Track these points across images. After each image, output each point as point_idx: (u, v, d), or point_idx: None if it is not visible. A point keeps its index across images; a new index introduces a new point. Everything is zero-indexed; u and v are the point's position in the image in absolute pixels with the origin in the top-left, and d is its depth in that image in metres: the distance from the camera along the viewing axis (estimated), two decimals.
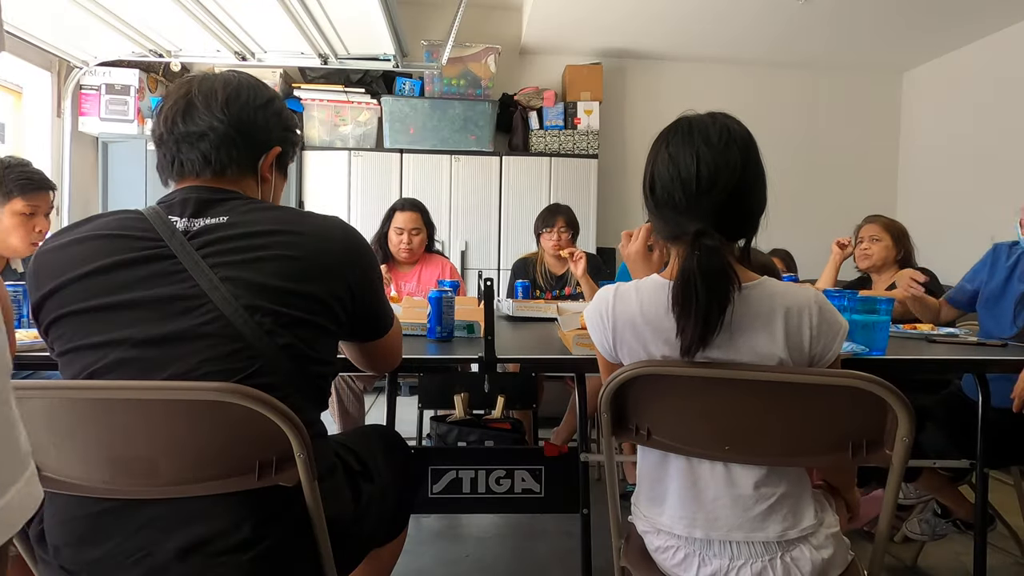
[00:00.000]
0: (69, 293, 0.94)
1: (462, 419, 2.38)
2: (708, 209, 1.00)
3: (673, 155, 1.02)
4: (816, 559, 1.01)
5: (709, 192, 1.00)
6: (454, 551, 2.24)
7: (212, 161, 1.02)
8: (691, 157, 1.01)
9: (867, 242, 2.61)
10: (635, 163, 4.95)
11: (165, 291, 0.92)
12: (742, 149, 1.02)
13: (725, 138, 1.02)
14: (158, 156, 1.06)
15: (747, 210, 1.04)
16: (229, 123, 1.02)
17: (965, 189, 4.46)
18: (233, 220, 0.98)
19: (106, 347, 0.91)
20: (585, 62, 4.67)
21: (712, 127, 1.03)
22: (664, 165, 1.03)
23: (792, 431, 1.00)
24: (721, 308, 0.95)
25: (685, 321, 0.96)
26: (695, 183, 1.00)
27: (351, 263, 1.03)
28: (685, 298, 0.96)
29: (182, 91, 1.04)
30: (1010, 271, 2.06)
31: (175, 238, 0.95)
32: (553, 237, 3.02)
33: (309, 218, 1.04)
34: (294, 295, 0.95)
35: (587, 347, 1.47)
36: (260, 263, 0.95)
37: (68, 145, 3.68)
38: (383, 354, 1.25)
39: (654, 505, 1.10)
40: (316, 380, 1.03)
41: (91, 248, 0.95)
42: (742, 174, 1.01)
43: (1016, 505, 2.05)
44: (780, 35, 4.39)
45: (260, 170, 1.08)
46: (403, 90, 4.33)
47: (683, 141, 1.03)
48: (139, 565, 0.88)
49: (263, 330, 0.92)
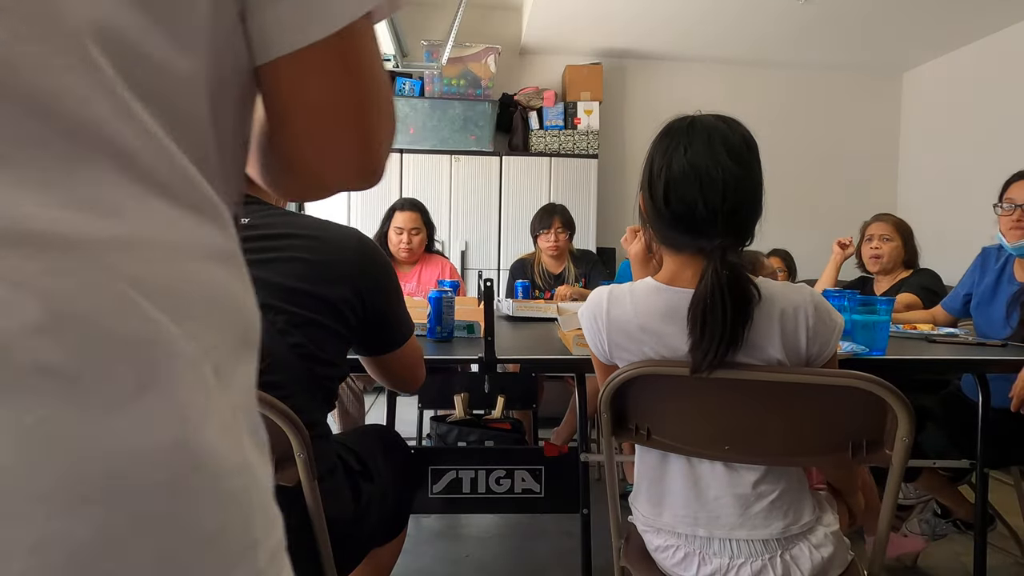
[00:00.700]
0: None
1: (462, 419, 2.38)
2: (729, 224, 0.97)
3: (694, 164, 0.97)
4: (816, 558, 1.01)
5: (734, 214, 0.97)
6: (454, 551, 2.24)
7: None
8: (716, 170, 0.96)
9: (877, 241, 2.53)
10: (635, 163, 4.93)
11: None
12: (758, 161, 1.01)
13: (746, 151, 1.00)
14: None
15: (753, 219, 1.03)
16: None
17: (965, 189, 4.46)
18: (254, 223, 1.00)
19: None
20: (585, 62, 4.67)
21: (731, 136, 1.00)
22: (682, 172, 0.98)
23: (792, 431, 1.00)
24: (743, 325, 0.94)
25: (706, 339, 0.94)
26: (721, 199, 0.96)
27: (364, 269, 1.05)
28: (710, 317, 0.93)
29: None
30: (999, 273, 2.07)
31: None
32: (551, 238, 3.02)
33: (326, 225, 1.06)
34: (306, 296, 0.97)
35: (587, 347, 1.47)
36: (276, 263, 0.97)
37: None
38: (398, 367, 1.23)
39: (654, 504, 1.10)
40: (323, 381, 1.04)
41: None
42: (751, 184, 0.99)
43: (1016, 505, 2.05)
44: (780, 35, 4.39)
45: None
46: (403, 90, 4.33)
47: (705, 151, 0.98)
48: None
49: (275, 328, 0.94)
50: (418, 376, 1.29)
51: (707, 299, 0.94)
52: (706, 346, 0.94)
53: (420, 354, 1.30)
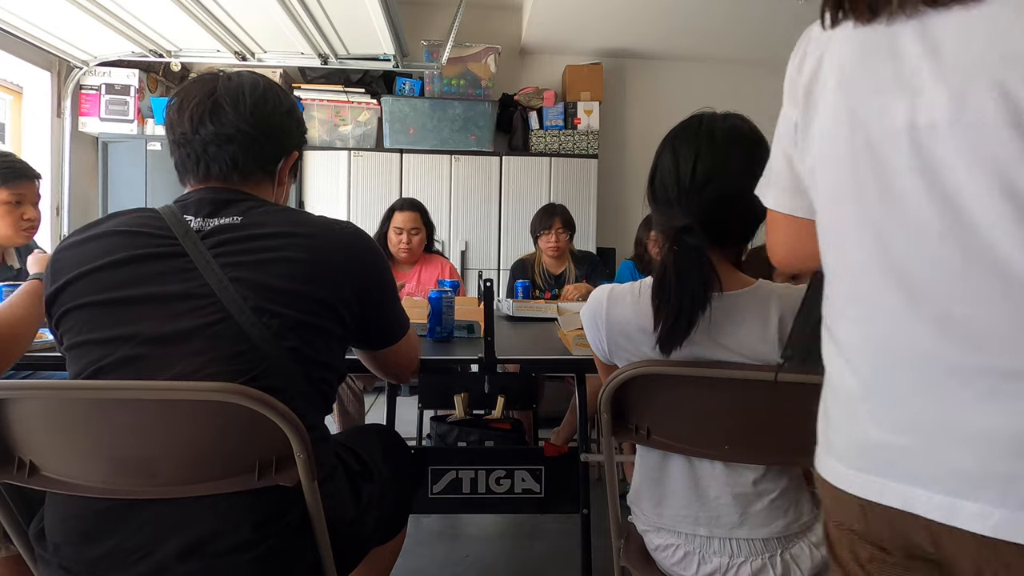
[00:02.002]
0: (82, 285, 0.94)
1: (462, 419, 2.38)
2: (697, 207, 0.98)
3: (676, 150, 1.02)
4: (816, 556, 1.01)
5: (701, 190, 0.98)
6: (454, 551, 2.24)
7: (240, 165, 1.02)
8: (691, 153, 1.00)
9: None
10: (635, 163, 4.95)
11: (175, 288, 0.93)
12: (746, 149, 1.00)
13: (729, 137, 1.01)
14: (179, 155, 1.04)
15: (745, 214, 1.01)
16: (257, 128, 1.02)
17: None
18: (247, 221, 0.98)
19: (114, 343, 0.91)
20: (585, 62, 4.67)
21: (720, 125, 1.02)
22: (667, 160, 1.03)
23: (792, 431, 1.00)
24: (694, 308, 0.94)
25: (660, 317, 0.96)
26: (689, 179, 0.99)
27: (360, 268, 1.03)
28: (660, 294, 0.96)
29: (206, 89, 1.02)
30: None
31: (188, 236, 0.95)
32: (551, 239, 3.02)
33: (322, 222, 1.03)
34: (302, 298, 0.95)
35: (587, 347, 1.47)
36: (270, 264, 0.95)
37: (68, 145, 3.68)
38: (394, 362, 1.24)
39: (655, 504, 1.10)
40: (320, 384, 1.02)
41: (107, 244, 0.96)
42: (741, 175, 0.97)
43: None
44: (781, 35, 4.39)
45: (279, 174, 1.10)
46: (403, 90, 4.33)
47: (689, 137, 1.02)
48: (139, 564, 0.88)
49: (270, 332, 0.92)
50: (414, 369, 1.31)
51: (657, 275, 0.97)
52: (664, 325, 0.96)
53: (417, 347, 1.31)
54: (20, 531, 1.01)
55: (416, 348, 1.29)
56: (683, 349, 0.98)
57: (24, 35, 3.10)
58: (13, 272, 2.06)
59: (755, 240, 1.08)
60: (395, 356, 1.22)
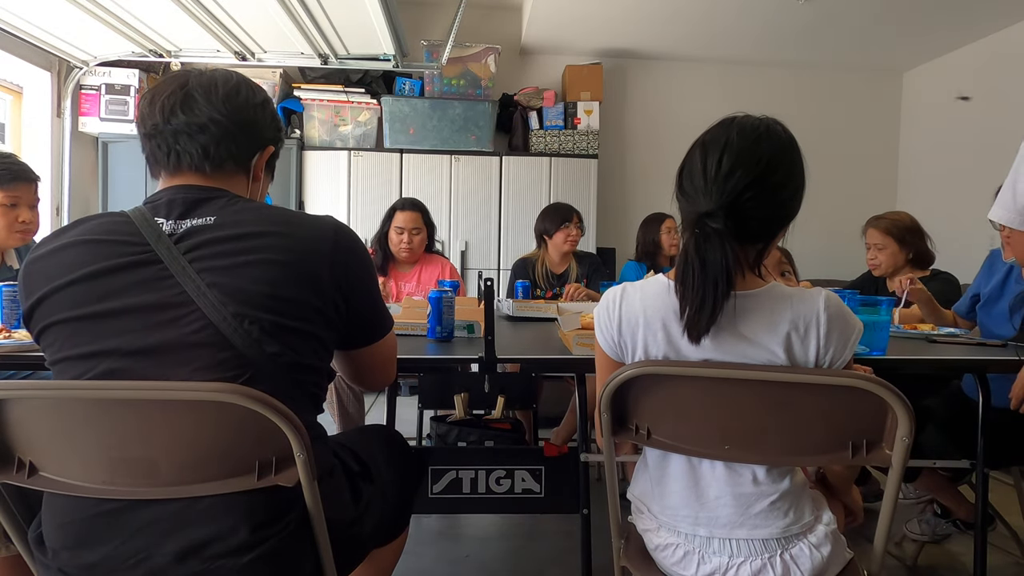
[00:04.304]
0: (56, 301, 0.92)
1: (462, 419, 2.38)
2: (721, 195, 0.98)
3: (706, 144, 1.03)
4: (816, 557, 1.01)
5: (727, 179, 0.98)
6: (454, 551, 2.24)
7: (211, 155, 1.00)
8: (720, 145, 1.00)
9: (872, 251, 2.57)
10: (635, 163, 4.95)
11: (152, 298, 0.90)
12: (774, 148, 1.01)
13: (759, 133, 1.01)
14: (149, 147, 1.02)
15: (766, 214, 1.01)
16: (229, 118, 1.01)
17: (965, 190, 4.45)
18: (221, 220, 0.96)
19: (96, 357, 0.90)
20: (585, 62, 4.67)
21: (751, 122, 1.03)
22: (696, 154, 1.03)
23: (792, 431, 1.00)
24: (717, 292, 0.95)
25: (685, 303, 0.98)
26: (715, 168, 0.99)
27: (342, 266, 1.00)
28: (684, 279, 0.98)
29: (178, 82, 1.01)
30: (1007, 273, 2.07)
31: (161, 242, 0.93)
32: (571, 232, 3.05)
33: (299, 219, 1.01)
34: (283, 302, 0.93)
35: (587, 347, 1.47)
36: (248, 268, 0.92)
37: (68, 145, 3.68)
38: (370, 363, 1.18)
39: (655, 504, 1.10)
40: (308, 387, 1.01)
41: (76, 254, 0.93)
42: (766, 170, 0.98)
43: (1016, 505, 2.05)
44: (780, 35, 4.39)
45: (254, 169, 1.07)
46: (403, 90, 4.33)
47: (719, 132, 1.03)
48: (137, 568, 0.88)
49: (252, 338, 0.91)
50: (390, 373, 1.25)
51: (681, 261, 0.98)
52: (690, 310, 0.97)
53: (395, 349, 1.25)
54: (20, 532, 1.01)
55: (394, 350, 1.24)
56: (708, 340, 0.98)
57: (24, 35, 3.10)
58: (13, 272, 2.06)
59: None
60: (371, 357, 1.16)
